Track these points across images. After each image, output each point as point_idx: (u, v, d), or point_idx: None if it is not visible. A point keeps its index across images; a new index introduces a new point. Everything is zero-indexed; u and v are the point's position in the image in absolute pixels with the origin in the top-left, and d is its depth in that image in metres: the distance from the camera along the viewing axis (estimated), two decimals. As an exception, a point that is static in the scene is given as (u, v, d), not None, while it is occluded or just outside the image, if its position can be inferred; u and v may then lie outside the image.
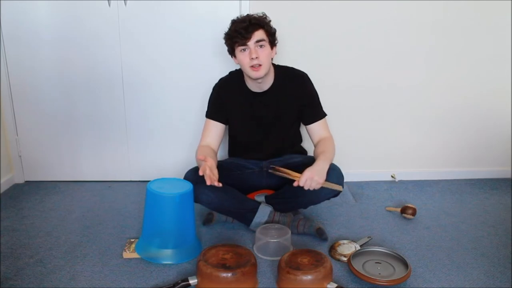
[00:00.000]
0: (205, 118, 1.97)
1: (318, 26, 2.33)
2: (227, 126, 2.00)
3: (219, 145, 1.97)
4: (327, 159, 1.76)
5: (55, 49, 2.30)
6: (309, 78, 1.94)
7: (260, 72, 1.78)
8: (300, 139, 2.09)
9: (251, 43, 1.74)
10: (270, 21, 1.82)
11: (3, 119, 2.38)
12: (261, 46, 1.76)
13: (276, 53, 1.87)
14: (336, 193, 1.81)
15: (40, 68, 2.32)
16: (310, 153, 2.02)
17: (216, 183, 1.63)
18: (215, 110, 1.95)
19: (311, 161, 1.78)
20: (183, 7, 2.26)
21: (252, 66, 1.76)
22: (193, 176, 1.82)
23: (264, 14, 1.82)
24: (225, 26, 1.84)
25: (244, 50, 1.77)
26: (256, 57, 1.74)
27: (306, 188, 1.66)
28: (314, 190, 1.70)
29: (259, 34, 1.75)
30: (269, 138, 1.97)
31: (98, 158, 2.49)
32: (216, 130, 1.94)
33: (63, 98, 2.38)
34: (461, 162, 2.64)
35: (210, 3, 2.26)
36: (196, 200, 1.79)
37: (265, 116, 1.92)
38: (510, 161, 2.65)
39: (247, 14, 1.80)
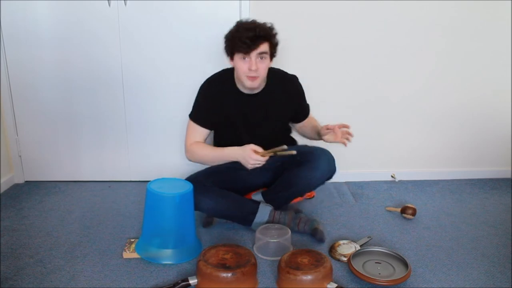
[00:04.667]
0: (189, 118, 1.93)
1: (318, 26, 2.33)
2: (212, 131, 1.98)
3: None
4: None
5: (55, 49, 2.29)
6: (298, 81, 1.95)
7: (255, 83, 1.77)
8: (289, 131, 2.10)
9: (253, 54, 1.71)
10: (276, 33, 1.78)
11: (3, 119, 2.38)
12: (262, 57, 1.74)
13: (272, 62, 1.84)
14: (329, 176, 1.86)
15: (40, 68, 2.32)
16: (299, 143, 2.07)
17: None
18: (200, 116, 1.91)
19: (301, 149, 1.82)
20: (183, 8, 2.26)
21: (248, 76, 1.75)
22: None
23: (272, 25, 1.77)
24: (225, 27, 1.82)
25: (244, 58, 1.74)
26: (256, 69, 1.73)
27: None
28: (305, 178, 1.80)
29: (264, 47, 1.72)
30: (257, 139, 1.91)
31: (98, 158, 2.49)
32: (201, 133, 1.92)
33: (63, 98, 2.38)
34: (461, 162, 2.64)
35: (210, 4, 2.26)
36: (196, 208, 1.78)
37: (254, 117, 1.91)
38: (510, 161, 2.65)
39: (254, 21, 1.75)
